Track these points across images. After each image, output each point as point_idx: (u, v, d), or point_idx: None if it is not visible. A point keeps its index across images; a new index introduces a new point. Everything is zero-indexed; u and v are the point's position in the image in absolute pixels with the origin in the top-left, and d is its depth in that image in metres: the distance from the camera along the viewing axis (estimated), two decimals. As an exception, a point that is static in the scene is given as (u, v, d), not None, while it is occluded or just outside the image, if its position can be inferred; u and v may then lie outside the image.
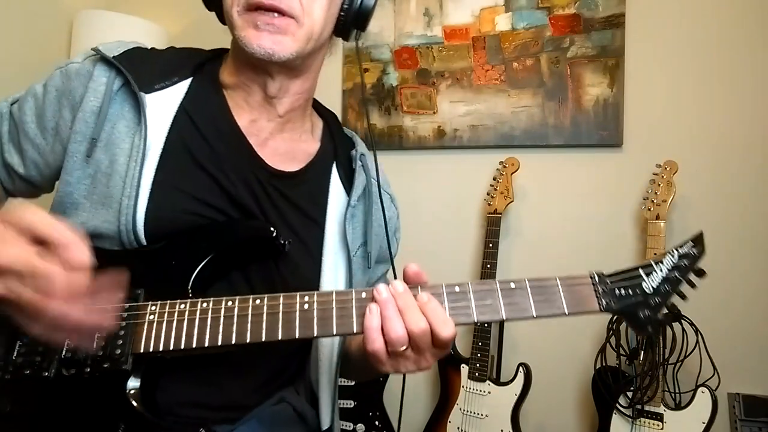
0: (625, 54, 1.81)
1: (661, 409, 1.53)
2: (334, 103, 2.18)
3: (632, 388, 1.57)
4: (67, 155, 0.73)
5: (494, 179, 1.87)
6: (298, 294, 0.63)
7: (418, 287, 0.63)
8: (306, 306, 0.62)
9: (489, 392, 1.74)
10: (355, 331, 0.62)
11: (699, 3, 1.77)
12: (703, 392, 1.50)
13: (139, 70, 0.76)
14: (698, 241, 0.70)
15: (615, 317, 1.65)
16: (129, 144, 0.72)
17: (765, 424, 1.61)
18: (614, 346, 1.64)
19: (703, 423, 1.47)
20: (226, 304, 0.63)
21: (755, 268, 1.69)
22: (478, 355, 1.75)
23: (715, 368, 1.56)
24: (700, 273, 0.68)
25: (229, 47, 0.85)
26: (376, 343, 0.59)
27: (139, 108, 0.73)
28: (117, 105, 0.74)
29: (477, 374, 1.75)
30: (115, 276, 0.59)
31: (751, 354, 1.67)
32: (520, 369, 1.72)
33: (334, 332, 0.62)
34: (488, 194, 1.87)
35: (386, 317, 0.59)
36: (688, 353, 1.57)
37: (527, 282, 0.63)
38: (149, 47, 0.83)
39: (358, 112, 2.16)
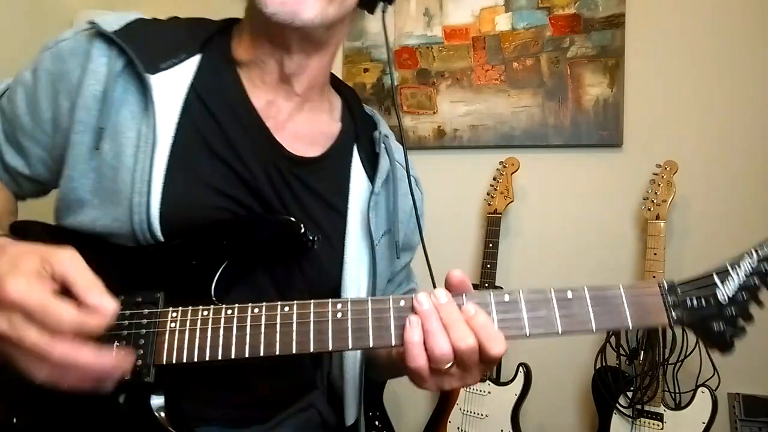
0: (625, 54, 1.81)
1: (661, 409, 1.53)
2: (334, 103, 2.18)
3: (632, 388, 1.57)
4: (70, 147, 0.67)
5: (494, 179, 1.87)
6: (330, 301, 0.58)
7: (462, 296, 0.57)
8: (339, 315, 0.57)
9: (489, 392, 1.74)
10: (393, 345, 0.56)
11: (699, 3, 1.77)
12: (703, 392, 1.50)
13: (143, 47, 0.68)
14: None
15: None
16: (135, 133, 0.66)
17: (765, 424, 1.61)
18: (614, 346, 1.65)
19: (703, 423, 1.47)
20: (252, 311, 0.58)
21: (755, 268, 1.69)
22: (478, 355, 1.75)
23: (715, 368, 1.56)
24: None
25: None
26: (419, 360, 0.53)
27: (144, 92, 0.66)
28: (120, 88, 0.67)
29: (477, 374, 1.75)
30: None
31: (751, 354, 1.67)
32: (520, 369, 1.72)
33: (371, 345, 0.56)
34: (488, 194, 1.87)
35: (429, 332, 0.54)
36: (688, 353, 1.57)
37: (586, 291, 0.56)
38: (150, 18, 0.75)
39: (358, 112, 2.16)
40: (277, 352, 0.57)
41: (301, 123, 0.77)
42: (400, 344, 0.55)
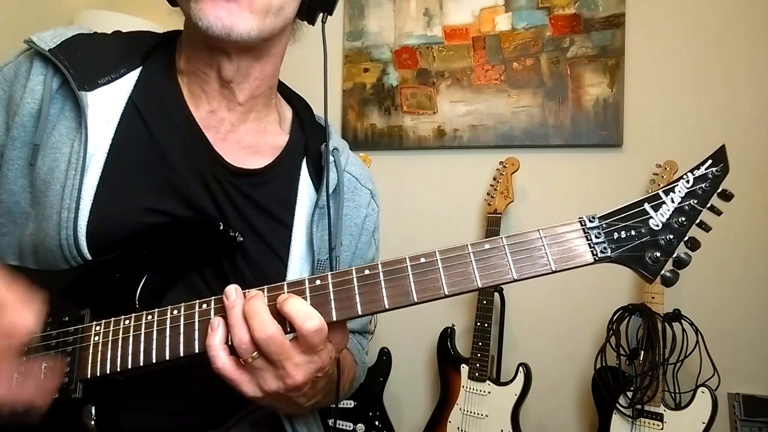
0: (625, 54, 1.81)
1: (661, 409, 1.53)
2: (333, 103, 2.18)
3: (632, 388, 1.57)
4: (5, 163, 0.67)
5: (494, 179, 1.87)
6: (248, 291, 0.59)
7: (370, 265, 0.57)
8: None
9: (489, 392, 1.74)
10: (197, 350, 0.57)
11: (699, 3, 1.77)
12: (703, 392, 1.50)
13: (80, 64, 0.68)
14: (719, 157, 0.57)
15: (615, 316, 1.66)
16: (69, 149, 0.66)
17: (765, 424, 1.61)
18: (614, 346, 1.64)
19: (703, 423, 1.47)
20: (171, 313, 0.58)
21: (755, 269, 1.69)
22: (478, 355, 1.75)
23: (715, 368, 1.56)
24: (727, 196, 0.56)
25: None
26: (218, 360, 0.55)
27: (79, 109, 0.67)
28: (58, 105, 0.68)
29: (477, 374, 1.75)
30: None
31: (751, 354, 1.67)
32: (520, 369, 1.72)
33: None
34: (488, 194, 1.87)
35: (230, 325, 0.55)
36: (688, 353, 1.57)
37: (504, 240, 0.55)
38: (92, 32, 0.76)
39: (358, 112, 2.16)
40: (197, 350, 0.56)
41: (245, 134, 0.77)
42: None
